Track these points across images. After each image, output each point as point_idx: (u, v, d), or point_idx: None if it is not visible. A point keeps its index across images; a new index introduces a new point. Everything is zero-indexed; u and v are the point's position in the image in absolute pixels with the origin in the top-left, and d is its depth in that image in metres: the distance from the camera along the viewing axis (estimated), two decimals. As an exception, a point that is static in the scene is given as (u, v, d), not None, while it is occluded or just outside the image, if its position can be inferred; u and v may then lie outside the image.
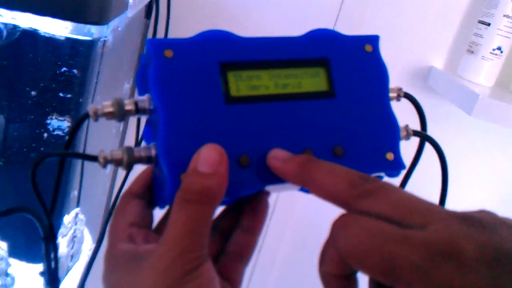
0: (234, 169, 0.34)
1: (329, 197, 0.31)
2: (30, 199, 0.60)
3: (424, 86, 0.95)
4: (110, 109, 0.34)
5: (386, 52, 0.43)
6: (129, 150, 0.34)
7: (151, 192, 0.37)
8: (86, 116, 0.35)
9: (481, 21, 0.87)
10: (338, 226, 0.30)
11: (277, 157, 0.35)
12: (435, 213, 0.28)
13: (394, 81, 0.41)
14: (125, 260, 0.32)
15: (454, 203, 0.45)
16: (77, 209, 0.67)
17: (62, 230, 0.63)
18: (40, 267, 0.64)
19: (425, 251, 0.26)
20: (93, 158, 0.34)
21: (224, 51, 0.36)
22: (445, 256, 0.26)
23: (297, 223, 1.07)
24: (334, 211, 0.31)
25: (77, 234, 0.71)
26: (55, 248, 0.43)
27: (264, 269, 1.07)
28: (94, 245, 0.81)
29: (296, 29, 0.90)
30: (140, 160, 0.34)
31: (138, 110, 0.35)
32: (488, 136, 0.99)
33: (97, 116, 0.34)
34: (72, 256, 0.71)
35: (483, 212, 0.29)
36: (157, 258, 0.30)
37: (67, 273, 0.70)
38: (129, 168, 0.34)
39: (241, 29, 0.91)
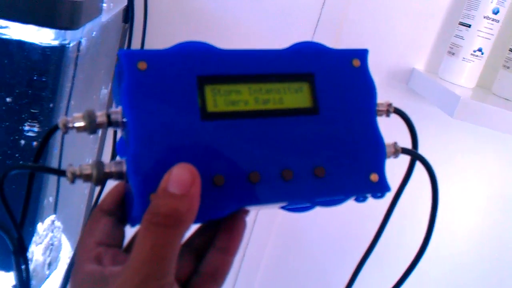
0: (208, 189, 0.33)
1: None
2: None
3: (406, 88, 0.95)
4: (81, 122, 0.33)
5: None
6: (98, 165, 0.32)
7: (122, 209, 0.35)
8: (56, 128, 0.33)
9: (462, 22, 0.87)
10: None
11: None
12: None
13: (376, 84, 0.39)
14: (90, 282, 0.31)
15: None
16: (53, 216, 0.66)
17: (35, 238, 0.62)
18: (12, 275, 0.63)
19: None
20: (61, 173, 0.33)
21: (202, 64, 0.34)
22: None
23: (281, 230, 1.06)
24: (319, 218, 0.30)
25: (54, 242, 0.70)
26: (26, 261, 0.42)
27: (247, 278, 1.06)
28: (73, 252, 0.80)
29: (276, 36, 0.91)
30: (110, 176, 0.33)
31: (110, 123, 0.33)
32: (470, 138, 0.99)
33: (67, 128, 0.33)
34: (49, 264, 0.70)
35: None
36: (121, 284, 0.29)
37: (44, 281, 0.69)
38: (99, 184, 0.33)
39: (219, 33, 0.90)
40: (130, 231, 0.36)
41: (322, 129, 0.36)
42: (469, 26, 0.86)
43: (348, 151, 0.37)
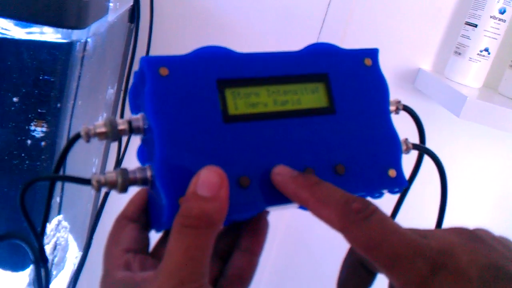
0: (234, 191, 0.33)
1: (324, 220, 0.31)
2: (12, 205, 0.60)
3: (412, 88, 0.95)
4: (103, 129, 0.33)
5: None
6: (123, 172, 0.33)
7: (146, 215, 0.36)
8: (78, 136, 0.33)
9: (468, 22, 0.87)
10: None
11: (281, 173, 0.34)
12: (433, 230, 0.30)
13: (384, 84, 0.39)
14: None
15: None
16: (59, 216, 0.66)
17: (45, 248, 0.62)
18: (23, 275, 0.63)
19: (427, 260, 0.27)
20: (86, 182, 0.33)
21: (221, 68, 0.35)
22: (442, 267, 0.27)
23: (286, 234, 1.06)
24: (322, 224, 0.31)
25: (61, 242, 0.70)
26: (46, 271, 0.42)
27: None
28: (81, 252, 0.80)
29: (282, 38, 0.90)
30: (135, 182, 0.33)
31: (132, 130, 0.34)
32: (476, 138, 0.99)
33: (89, 136, 0.33)
34: (56, 264, 0.70)
35: (478, 229, 0.31)
36: None
37: (50, 281, 0.69)
38: (124, 191, 0.33)
39: (225, 33, 0.90)
40: (154, 237, 0.36)
41: (340, 128, 0.37)
42: (476, 26, 0.86)
43: (366, 148, 0.37)
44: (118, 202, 0.36)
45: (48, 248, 0.65)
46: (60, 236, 0.69)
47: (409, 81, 0.95)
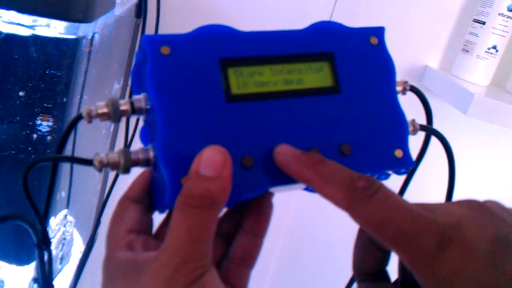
0: (238, 171, 0.32)
1: (329, 199, 0.31)
2: (18, 200, 0.60)
3: (419, 86, 0.94)
4: (104, 110, 0.32)
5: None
6: (126, 152, 0.32)
7: (149, 196, 0.35)
8: (79, 117, 0.33)
9: (476, 19, 0.87)
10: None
11: (284, 152, 0.33)
12: (442, 204, 0.30)
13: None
14: (125, 268, 0.31)
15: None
16: (65, 211, 0.66)
17: (48, 233, 0.62)
18: (28, 269, 0.63)
19: (434, 234, 0.27)
20: (88, 162, 0.33)
21: (224, 47, 0.34)
22: (449, 241, 0.26)
23: (293, 222, 1.06)
24: (331, 211, 0.31)
25: (66, 236, 0.70)
26: (50, 254, 0.42)
27: (259, 271, 1.06)
28: (85, 247, 0.81)
29: (288, 27, 0.90)
30: (137, 163, 0.33)
31: (134, 110, 0.33)
32: (483, 135, 0.98)
33: (90, 117, 0.32)
34: (61, 259, 0.71)
35: (488, 201, 0.30)
36: (159, 267, 0.29)
37: (56, 275, 0.70)
38: (126, 172, 0.33)
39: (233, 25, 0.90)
40: (157, 219, 0.36)
41: (345, 107, 0.36)
42: (484, 23, 0.85)
43: (372, 128, 0.36)
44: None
45: (53, 243, 0.65)
46: (66, 230, 0.69)
47: (416, 79, 0.94)
